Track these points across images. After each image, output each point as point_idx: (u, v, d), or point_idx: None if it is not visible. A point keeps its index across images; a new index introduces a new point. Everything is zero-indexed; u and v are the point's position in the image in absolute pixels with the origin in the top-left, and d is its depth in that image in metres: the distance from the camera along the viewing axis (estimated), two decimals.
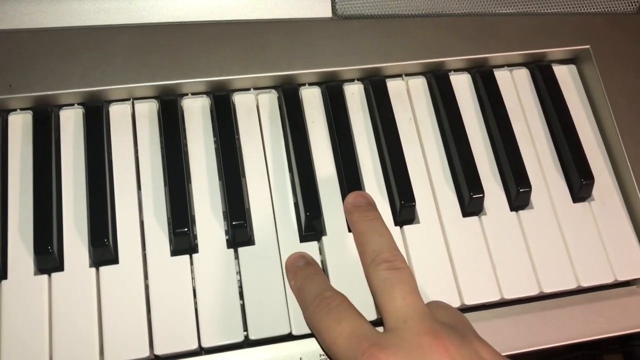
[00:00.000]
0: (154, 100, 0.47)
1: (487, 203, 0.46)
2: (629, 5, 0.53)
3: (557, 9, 0.52)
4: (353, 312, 0.37)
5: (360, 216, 0.41)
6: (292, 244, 0.43)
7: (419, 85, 0.50)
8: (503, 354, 0.37)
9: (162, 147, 0.45)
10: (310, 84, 0.49)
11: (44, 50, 0.45)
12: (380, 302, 0.38)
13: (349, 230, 0.44)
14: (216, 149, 0.46)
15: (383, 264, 0.38)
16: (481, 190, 0.45)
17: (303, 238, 0.44)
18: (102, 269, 0.41)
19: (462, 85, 0.50)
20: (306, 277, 0.40)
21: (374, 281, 0.38)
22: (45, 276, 0.41)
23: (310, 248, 0.43)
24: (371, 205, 0.42)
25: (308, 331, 0.40)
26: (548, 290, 0.44)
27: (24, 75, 0.44)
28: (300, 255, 0.42)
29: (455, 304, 0.42)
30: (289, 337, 0.41)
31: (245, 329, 0.41)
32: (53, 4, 0.46)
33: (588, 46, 0.51)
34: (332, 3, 0.49)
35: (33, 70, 0.44)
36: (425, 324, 0.36)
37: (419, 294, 0.38)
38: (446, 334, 0.35)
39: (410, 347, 0.34)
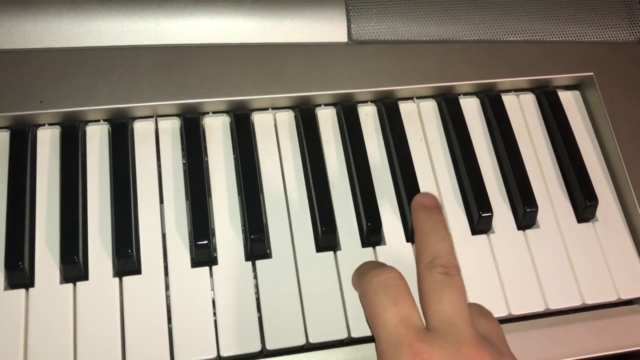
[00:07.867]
0: (176, 117, 0.49)
1: (495, 222, 0.48)
2: (630, 36, 0.55)
3: (562, 37, 0.54)
4: (410, 298, 0.37)
5: (426, 215, 0.42)
6: (308, 257, 0.45)
7: (430, 108, 0.52)
8: None
9: (184, 163, 0.47)
10: (326, 105, 0.51)
11: (73, 69, 0.47)
12: (427, 301, 0.38)
13: (363, 246, 0.46)
14: (235, 165, 0.47)
15: (439, 268, 0.38)
16: (490, 210, 0.47)
17: (319, 250, 0.45)
18: (126, 279, 0.43)
19: (471, 109, 0.52)
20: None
21: (425, 282, 0.38)
22: (71, 285, 0.42)
23: (326, 258, 0.45)
24: (438, 208, 0.43)
25: (325, 340, 0.42)
26: (554, 307, 0.46)
27: (54, 92, 0.46)
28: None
29: None
30: (304, 348, 0.43)
31: (263, 339, 0.42)
32: (83, 24, 0.48)
33: (592, 73, 0.53)
34: (347, 29, 0.51)
35: (63, 87, 0.46)
36: (469, 334, 0.36)
37: (466, 302, 0.38)
38: (487, 347, 0.36)
39: (452, 353, 0.35)
